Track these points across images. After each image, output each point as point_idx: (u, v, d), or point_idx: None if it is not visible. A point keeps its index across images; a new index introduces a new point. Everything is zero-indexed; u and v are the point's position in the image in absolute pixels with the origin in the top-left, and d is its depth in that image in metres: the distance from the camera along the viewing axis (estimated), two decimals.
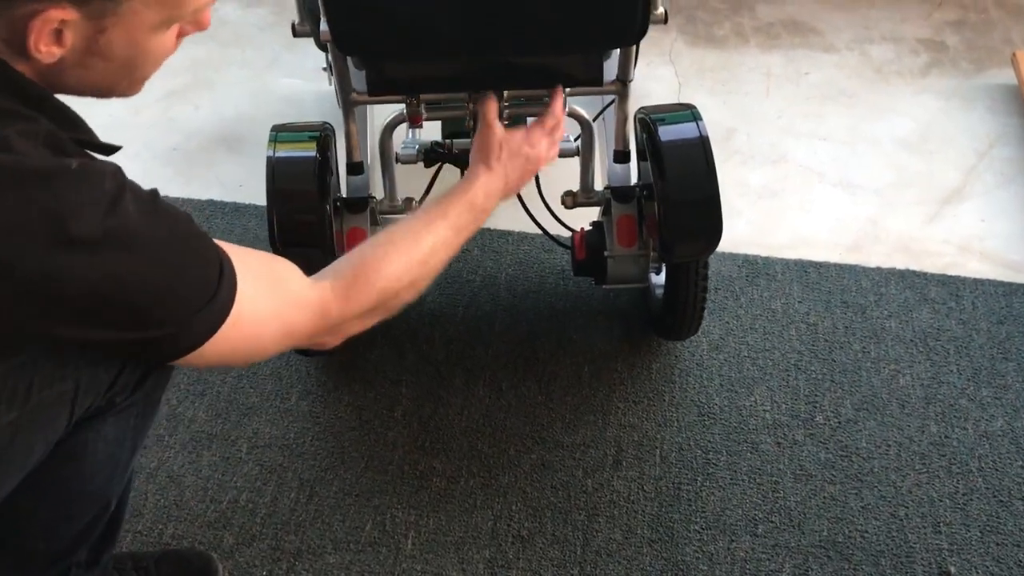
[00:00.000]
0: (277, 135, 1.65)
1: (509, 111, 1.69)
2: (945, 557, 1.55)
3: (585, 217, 1.83)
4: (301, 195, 1.60)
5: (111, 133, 1.05)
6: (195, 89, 2.56)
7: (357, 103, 1.69)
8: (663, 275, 1.79)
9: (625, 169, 1.78)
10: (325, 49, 1.91)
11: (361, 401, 1.78)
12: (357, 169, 1.75)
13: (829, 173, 2.31)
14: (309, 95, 2.52)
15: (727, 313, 1.94)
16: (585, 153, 1.80)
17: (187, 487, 1.65)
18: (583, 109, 1.76)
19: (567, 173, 1.85)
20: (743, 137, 2.41)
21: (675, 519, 1.60)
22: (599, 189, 1.80)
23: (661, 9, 1.52)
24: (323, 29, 1.50)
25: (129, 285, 0.96)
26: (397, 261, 1.21)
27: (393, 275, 1.20)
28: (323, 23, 1.49)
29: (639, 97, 1.92)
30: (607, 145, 1.86)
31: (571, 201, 1.80)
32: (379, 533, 1.59)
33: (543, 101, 1.70)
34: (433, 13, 1.44)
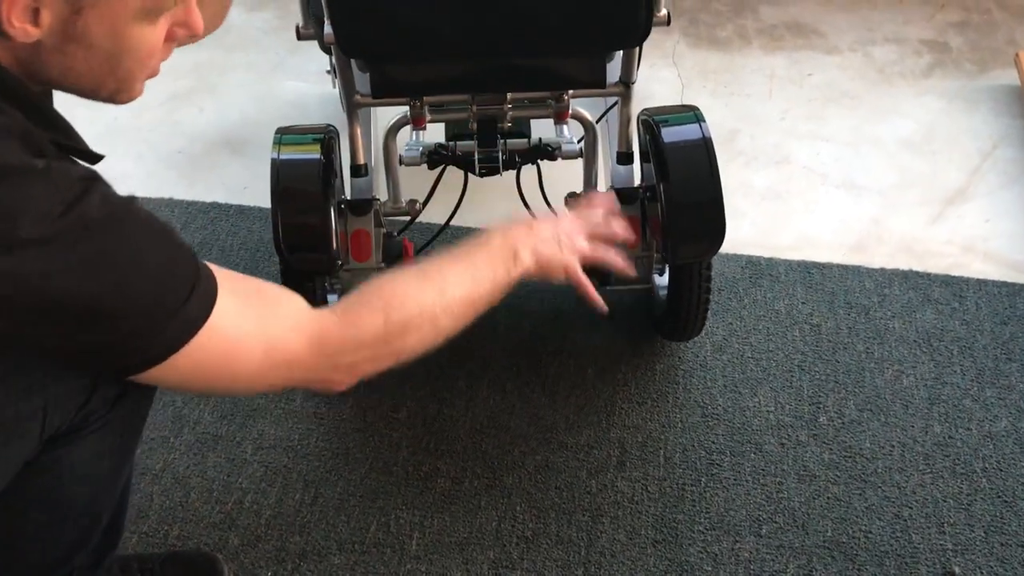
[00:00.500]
0: (281, 138, 1.65)
1: (512, 113, 1.69)
2: (949, 557, 1.55)
3: None
4: (305, 197, 1.60)
5: (115, 136, 1.05)
6: (199, 92, 2.57)
7: (361, 105, 1.69)
8: (666, 276, 1.79)
9: (628, 171, 1.78)
10: (329, 52, 1.92)
11: (365, 402, 1.78)
12: (361, 171, 1.75)
13: (832, 174, 2.31)
14: (313, 98, 2.53)
15: (731, 314, 1.95)
16: (588, 155, 1.80)
17: (192, 488, 1.65)
18: (586, 111, 1.76)
19: (570, 175, 1.85)
20: (746, 138, 2.41)
21: (679, 520, 1.60)
22: (602, 191, 1.81)
23: (664, 11, 1.52)
24: (327, 32, 1.51)
25: (80, 284, 0.91)
26: (406, 285, 1.13)
27: (404, 299, 1.11)
28: (327, 26, 1.49)
29: (642, 99, 1.92)
30: (610, 147, 1.86)
31: (574, 203, 1.80)
32: (383, 534, 1.59)
33: (547, 103, 1.71)
34: (436, 15, 1.45)
